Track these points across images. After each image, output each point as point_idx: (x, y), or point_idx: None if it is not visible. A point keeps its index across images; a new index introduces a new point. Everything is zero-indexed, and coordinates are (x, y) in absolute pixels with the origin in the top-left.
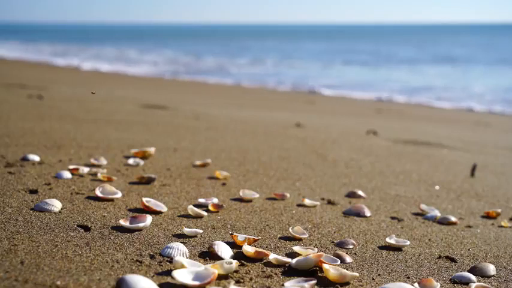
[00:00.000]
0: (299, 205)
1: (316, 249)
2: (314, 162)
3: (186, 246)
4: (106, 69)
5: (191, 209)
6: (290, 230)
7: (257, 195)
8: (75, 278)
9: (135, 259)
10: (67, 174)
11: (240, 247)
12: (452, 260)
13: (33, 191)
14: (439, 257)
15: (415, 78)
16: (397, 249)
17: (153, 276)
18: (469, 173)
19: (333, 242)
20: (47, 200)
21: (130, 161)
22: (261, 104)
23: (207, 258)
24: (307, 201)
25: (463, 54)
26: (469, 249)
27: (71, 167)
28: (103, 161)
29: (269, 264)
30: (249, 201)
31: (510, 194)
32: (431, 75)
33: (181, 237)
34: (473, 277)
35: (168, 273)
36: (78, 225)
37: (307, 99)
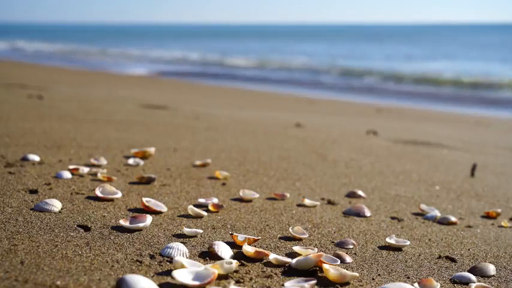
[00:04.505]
0: (299, 205)
1: (316, 249)
2: (314, 162)
3: (186, 246)
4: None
5: (191, 209)
6: (290, 230)
7: (257, 195)
8: (75, 278)
9: (135, 259)
10: (67, 174)
11: (240, 247)
12: (452, 260)
13: (33, 191)
14: (439, 257)
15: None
16: (397, 249)
17: (153, 276)
18: (469, 173)
19: (333, 242)
20: (47, 200)
21: (130, 161)
22: (261, 104)
23: (207, 258)
24: (307, 201)
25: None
26: (469, 249)
27: (71, 167)
28: (103, 161)
29: (269, 264)
30: (249, 201)
31: (510, 194)
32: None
33: (181, 237)
34: (473, 277)
35: (168, 273)
36: (78, 225)
37: (307, 100)
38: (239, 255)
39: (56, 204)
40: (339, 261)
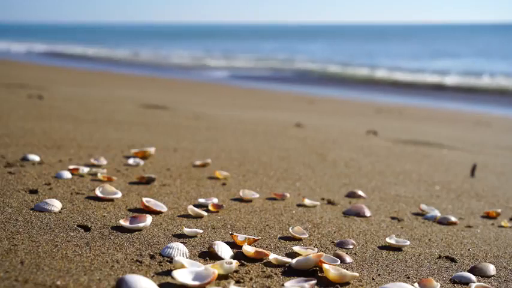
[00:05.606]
0: (299, 205)
1: (316, 249)
2: (314, 162)
3: (186, 246)
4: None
5: (191, 209)
6: (290, 230)
7: (257, 195)
8: (75, 278)
9: (135, 259)
10: (67, 174)
11: (240, 247)
12: (452, 260)
13: (33, 191)
14: (439, 257)
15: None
16: (397, 249)
17: (153, 276)
18: (469, 173)
19: (333, 242)
20: (47, 200)
21: (130, 161)
22: (261, 104)
23: (207, 258)
24: (307, 201)
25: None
26: (469, 249)
27: (71, 167)
28: (103, 161)
29: (269, 264)
30: (249, 201)
31: (510, 194)
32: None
33: (181, 237)
34: (473, 277)
35: (168, 273)
36: (78, 225)
37: (307, 99)
38: (239, 255)
39: (56, 204)
40: (339, 261)
